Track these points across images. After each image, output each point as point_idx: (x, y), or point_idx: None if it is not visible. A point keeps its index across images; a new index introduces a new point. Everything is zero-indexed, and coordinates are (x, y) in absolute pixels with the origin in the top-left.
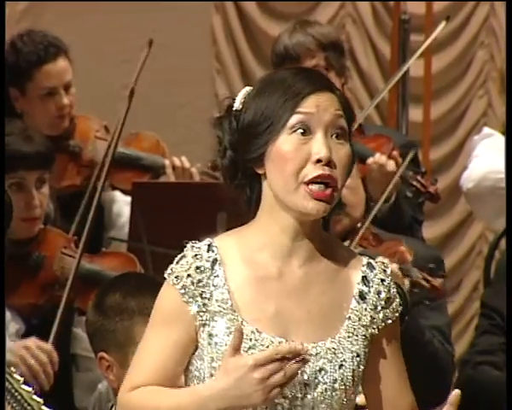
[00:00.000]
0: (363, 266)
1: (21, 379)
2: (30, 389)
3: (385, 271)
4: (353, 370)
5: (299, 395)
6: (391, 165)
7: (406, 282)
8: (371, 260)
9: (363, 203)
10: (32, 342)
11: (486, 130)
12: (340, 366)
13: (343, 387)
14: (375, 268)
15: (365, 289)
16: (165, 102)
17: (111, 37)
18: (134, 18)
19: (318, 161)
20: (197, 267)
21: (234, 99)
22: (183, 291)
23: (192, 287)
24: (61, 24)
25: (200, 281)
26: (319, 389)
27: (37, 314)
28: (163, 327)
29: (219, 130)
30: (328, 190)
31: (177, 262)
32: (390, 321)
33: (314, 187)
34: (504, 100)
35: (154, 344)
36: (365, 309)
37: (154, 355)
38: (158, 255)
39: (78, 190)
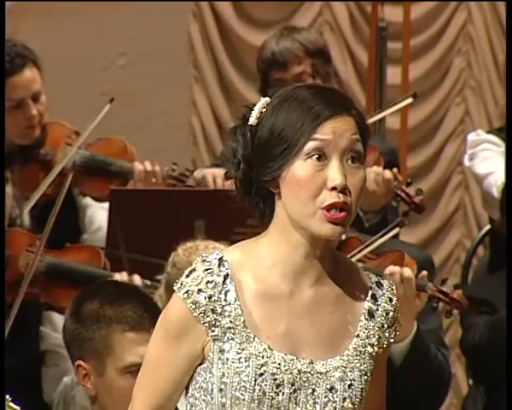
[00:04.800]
0: (372, 283)
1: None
2: (7, 396)
3: (392, 289)
4: (361, 389)
5: None
6: (388, 174)
7: (424, 297)
8: (379, 279)
9: None
10: None
11: (482, 135)
12: (350, 385)
13: (351, 406)
14: (383, 286)
15: (374, 307)
16: (143, 108)
17: (89, 44)
18: (112, 25)
19: (333, 188)
20: (208, 282)
21: (251, 109)
22: (193, 306)
23: (203, 302)
24: (39, 31)
25: (211, 296)
26: (329, 407)
27: (5, 313)
28: (173, 341)
29: (234, 141)
30: (343, 213)
31: (188, 276)
32: (392, 340)
33: (330, 212)
34: (484, 105)
35: (166, 359)
36: (373, 327)
37: (166, 371)
38: (135, 263)
39: (51, 199)
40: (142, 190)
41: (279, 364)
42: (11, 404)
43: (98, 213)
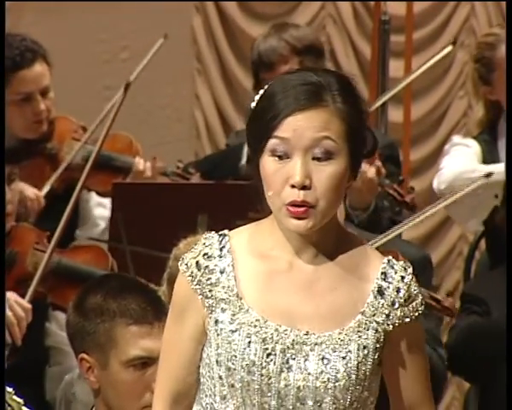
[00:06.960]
0: (384, 262)
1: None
2: (10, 390)
3: (405, 269)
4: (358, 362)
5: (302, 384)
6: (371, 172)
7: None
8: (392, 259)
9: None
10: (11, 294)
11: (456, 139)
12: (344, 357)
13: (347, 378)
14: (395, 265)
15: (384, 284)
16: (146, 102)
17: (92, 37)
18: (115, 19)
19: (293, 185)
20: (205, 254)
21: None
22: (191, 278)
23: (199, 273)
24: (41, 25)
25: (206, 267)
26: (322, 378)
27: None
28: (179, 321)
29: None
30: (303, 209)
31: (190, 251)
32: (408, 319)
33: (292, 207)
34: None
35: (175, 342)
36: (382, 305)
37: (176, 354)
38: (138, 256)
39: (56, 193)
40: (145, 183)
41: (271, 334)
42: (14, 397)
43: (94, 210)
